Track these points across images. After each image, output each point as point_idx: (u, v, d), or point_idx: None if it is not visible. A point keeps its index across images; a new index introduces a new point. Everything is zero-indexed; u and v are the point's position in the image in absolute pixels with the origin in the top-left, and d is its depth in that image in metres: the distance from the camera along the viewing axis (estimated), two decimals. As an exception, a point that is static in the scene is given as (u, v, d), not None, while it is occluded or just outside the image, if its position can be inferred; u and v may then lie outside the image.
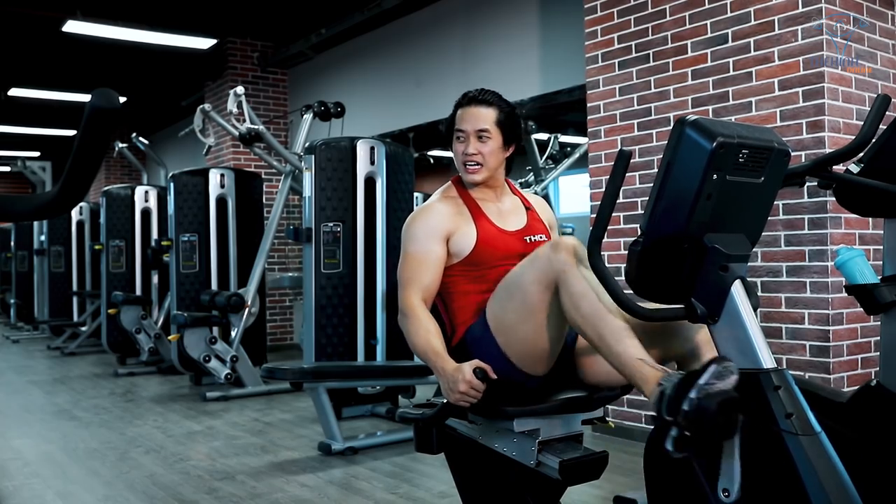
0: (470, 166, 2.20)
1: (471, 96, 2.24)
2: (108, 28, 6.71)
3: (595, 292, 1.82)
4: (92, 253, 8.56)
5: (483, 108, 2.20)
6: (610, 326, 1.79)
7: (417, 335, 2.02)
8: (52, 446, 4.18)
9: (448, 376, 1.92)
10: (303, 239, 4.54)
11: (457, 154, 2.23)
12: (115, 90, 1.34)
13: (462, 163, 2.21)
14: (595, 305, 1.80)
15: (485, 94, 2.23)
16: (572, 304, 1.83)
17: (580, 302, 1.82)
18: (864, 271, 1.99)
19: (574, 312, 1.83)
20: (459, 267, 2.15)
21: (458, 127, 2.22)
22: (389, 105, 6.86)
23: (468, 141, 2.20)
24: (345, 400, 4.59)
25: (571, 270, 1.83)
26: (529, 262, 1.95)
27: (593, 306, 1.80)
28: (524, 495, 2.13)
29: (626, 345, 1.76)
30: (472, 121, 2.20)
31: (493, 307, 2.03)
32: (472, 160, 2.19)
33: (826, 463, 1.53)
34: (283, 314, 8.20)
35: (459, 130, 2.21)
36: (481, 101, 2.22)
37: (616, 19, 3.98)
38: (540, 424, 2.02)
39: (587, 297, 1.81)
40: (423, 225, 2.16)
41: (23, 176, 12.63)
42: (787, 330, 3.32)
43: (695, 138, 1.56)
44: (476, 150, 2.18)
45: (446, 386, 1.92)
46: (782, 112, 3.34)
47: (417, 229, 2.16)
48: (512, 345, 2.00)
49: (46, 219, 3.87)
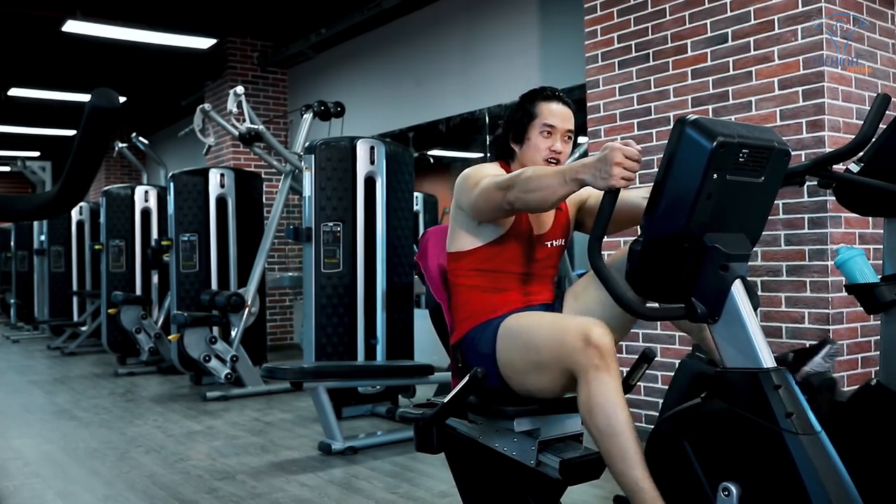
0: (552, 163, 2.16)
1: (557, 94, 2.21)
2: (108, 28, 6.71)
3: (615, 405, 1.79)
4: (92, 253, 8.56)
5: (568, 110, 2.20)
6: (620, 447, 1.78)
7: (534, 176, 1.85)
8: (52, 446, 4.17)
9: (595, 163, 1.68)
10: (303, 239, 4.53)
11: (538, 148, 2.16)
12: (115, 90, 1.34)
13: (544, 158, 2.16)
14: (610, 421, 1.79)
15: (566, 95, 2.23)
16: (588, 409, 1.82)
17: (596, 412, 1.81)
18: (864, 271, 1.99)
19: (588, 417, 1.83)
20: (474, 256, 2.14)
21: (550, 122, 2.16)
22: (389, 105, 6.86)
23: (555, 138, 2.17)
24: (345, 400, 4.59)
25: (596, 375, 1.81)
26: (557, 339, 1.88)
27: (609, 422, 1.79)
28: (524, 495, 2.13)
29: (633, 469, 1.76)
30: (563, 119, 2.18)
31: (505, 344, 2.03)
32: (555, 157, 2.16)
33: (826, 463, 1.53)
34: (283, 314, 8.20)
35: (550, 125, 2.16)
36: (566, 102, 2.21)
37: (616, 19, 3.98)
38: (540, 424, 2.02)
39: (604, 409, 1.79)
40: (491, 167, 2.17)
41: (23, 176, 12.63)
42: (787, 329, 3.32)
43: (695, 138, 1.56)
44: (562, 149, 2.17)
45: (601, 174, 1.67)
46: (782, 111, 3.34)
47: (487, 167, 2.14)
48: (512, 381, 2.04)
49: (46, 219, 3.87)
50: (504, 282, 2.15)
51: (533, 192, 1.85)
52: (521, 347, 1.98)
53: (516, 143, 2.22)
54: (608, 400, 1.79)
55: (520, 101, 2.24)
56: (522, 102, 2.23)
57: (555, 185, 1.80)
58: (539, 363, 1.93)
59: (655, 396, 3.79)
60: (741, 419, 1.59)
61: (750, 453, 1.58)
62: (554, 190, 1.81)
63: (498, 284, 2.14)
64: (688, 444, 1.69)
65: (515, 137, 2.22)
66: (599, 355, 1.80)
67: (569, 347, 1.84)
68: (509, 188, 1.91)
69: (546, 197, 1.84)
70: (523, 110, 2.21)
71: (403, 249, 4.77)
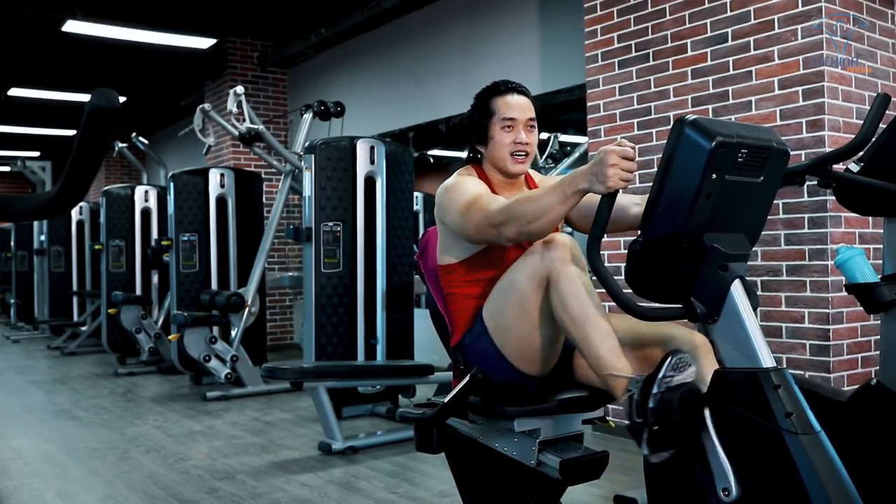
0: (519, 156, 2.13)
1: (512, 86, 2.17)
2: (108, 28, 6.70)
3: (586, 293, 1.81)
4: (92, 253, 8.56)
5: (525, 98, 2.16)
6: (594, 329, 1.79)
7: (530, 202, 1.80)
8: (52, 446, 4.18)
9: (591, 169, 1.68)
10: (303, 238, 4.54)
11: (502, 144, 2.12)
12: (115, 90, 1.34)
13: (511, 153, 2.12)
14: (583, 307, 1.80)
15: (520, 84, 2.19)
16: (560, 302, 1.83)
17: (569, 301, 1.81)
18: (864, 270, 1.99)
19: (562, 311, 1.83)
20: (464, 267, 2.13)
21: (508, 115, 2.12)
22: (389, 105, 6.86)
23: (518, 130, 2.12)
24: (345, 399, 4.59)
25: (563, 268, 1.82)
26: (523, 259, 1.93)
27: (581, 307, 1.80)
28: (524, 495, 2.13)
29: (605, 350, 1.78)
30: (521, 110, 2.13)
31: (490, 307, 2.03)
32: (522, 150, 2.12)
33: (826, 462, 1.53)
34: (283, 314, 8.20)
35: (509, 119, 2.12)
36: (522, 91, 2.17)
37: (616, 18, 3.98)
38: (540, 424, 2.02)
39: (577, 297, 1.81)
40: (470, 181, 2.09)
41: (23, 176, 12.63)
42: (787, 329, 3.32)
43: (694, 138, 1.56)
44: (527, 140, 2.13)
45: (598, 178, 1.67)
46: (782, 111, 3.34)
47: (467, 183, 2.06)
48: (508, 343, 1.99)
49: (46, 219, 3.87)
50: None
51: (535, 222, 1.78)
52: (501, 296, 1.98)
53: (481, 145, 2.18)
54: (577, 286, 1.81)
55: (475, 102, 2.20)
56: (478, 102, 2.19)
57: (555, 204, 1.76)
58: (519, 298, 1.92)
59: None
60: (741, 419, 1.59)
61: (750, 453, 1.58)
62: (556, 210, 1.76)
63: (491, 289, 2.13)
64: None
65: (478, 139, 2.18)
66: (563, 250, 1.83)
67: (535, 257, 1.87)
68: (503, 225, 1.84)
69: (550, 220, 1.79)
70: (480, 110, 2.17)
71: (403, 249, 4.77)
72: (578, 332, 1.81)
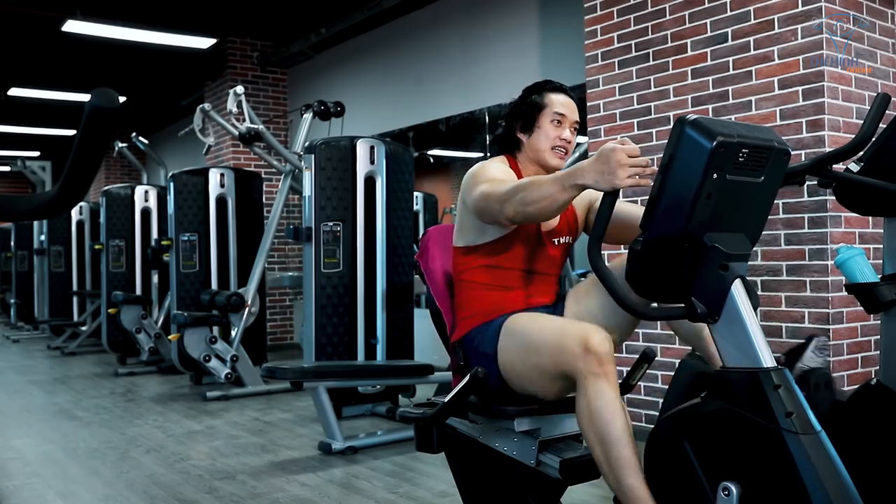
0: (559, 151, 2.19)
1: (562, 86, 2.24)
2: (107, 28, 6.71)
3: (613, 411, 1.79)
4: (92, 253, 8.55)
5: (573, 102, 2.24)
6: (617, 454, 1.79)
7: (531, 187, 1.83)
8: (52, 446, 4.18)
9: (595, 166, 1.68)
10: (303, 238, 4.53)
11: (549, 136, 2.18)
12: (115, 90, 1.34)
13: (553, 146, 2.18)
14: (608, 428, 1.79)
15: (568, 88, 2.26)
16: (587, 415, 1.83)
17: (594, 418, 1.81)
18: (864, 270, 1.99)
19: (586, 424, 1.83)
20: (481, 251, 2.14)
21: (560, 111, 2.19)
22: (389, 104, 6.86)
23: (565, 127, 2.19)
24: (345, 399, 4.59)
25: (595, 382, 1.81)
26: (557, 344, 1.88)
27: (606, 428, 1.79)
28: (525, 495, 2.13)
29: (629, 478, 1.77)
30: (572, 110, 2.21)
31: (507, 344, 2.03)
32: (564, 146, 2.19)
33: (826, 462, 1.53)
34: (283, 314, 8.20)
35: (560, 114, 2.19)
36: (572, 95, 2.25)
37: (616, 18, 3.98)
38: (540, 424, 2.02)
39: (603, 416, 1.80)
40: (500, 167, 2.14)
41: (23, 176, 12.61)
42: (787, 329, 3.32)
43: (695, 137, 1.56)
44: (570, 139, 2.19)
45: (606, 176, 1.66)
46: (782, 111, 3.34)
47: (495, 167, 2.12)
48: (512, 381, 2.04)
49: (46, 218, 3.86)
50: (509, 280, 2.14)
51: (533, 204, 1.83)
52: (521, 350, 1.99)
53: (524, 133, 2.22)
54: (605, 407, 1.80)
55: (525, 93, 2.25)
56: (529, 93, 2.24)
57: (554, 193, 1.79)
58: (539, 366, 1.94)
59: (655, 396, 3.79)
60: (741, 419, 1.59)
61: (750, 453, 1.58)
62: (554, 198, 1.80)
63: (503, 283, 2.14)
64: (688, 444, 1.69)
65: (524, 127, 2.22)
66: (598, 362, 1.81)
67: (568, 353, 1.84)
68: (505, 202, 1.89)
69: (547, 206, 1.82)
70: (531, 101, 2.22)
71: (403, 249, 4.77)
72: (601, 452, 1.82)
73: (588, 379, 1.81)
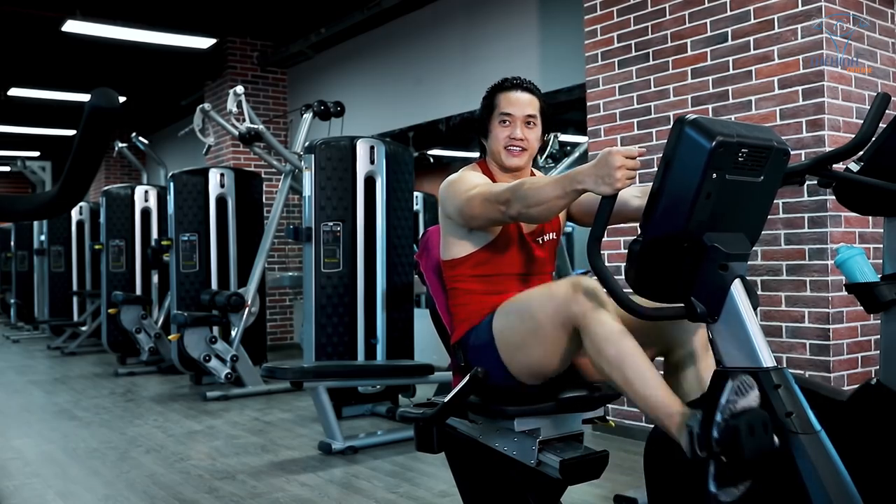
0: (514, 150, 2.18)
1: (516, 82, 2.22)
2: (107, 28, 6.70)
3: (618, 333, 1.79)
4: (92, 253, 8.55)
5: (528, 95, 2.21)
6: (634, 370, 1.76)
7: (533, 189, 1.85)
8: (52, 446, 4.18)
9: (594, 171, 1.69)
10: (303, 238, 4.53)
11: (498, 138, 2.19)
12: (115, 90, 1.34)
13: (505, 147, 2.18)
14: (619, 349, 1.78)
15: (527, 81, 2.24)
16: (596, 348, 1.81)
17: (604, 346, 1.79)
18: (864, 270, 1.99)
19: (598, 357, 1.81)
20: (469, 262, 2.14)
21: (505, 111, 2.18)
22: (389, 104, 6.86)
23: (514, 125, 2.18)
24: (345, 399, 4.59)
25: (593, 315, 1.80)
26: (548, 297, 1.90)
27: (618, 350, 1.78)
28: (525, 495, 2.13)
29: (652, 388, 1.74)
30: (520, 106, 2.19)
31: (502, 323, 2.02)
32: (517, 144, 2.18)
33: (826, 462, 1.53)
34: (283, 314, 8.20)
35: (506, 114, 2.18)
36: (526, 87, 2.22)
37: (615, 18, 3.98)
38: (540, 424, 2.02)
39: (610, 341, 1.78)
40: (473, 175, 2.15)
41: (23, 176, 12.63)
42: (787, 329, 3.32)
43: (694, 137, 1.56)
44: (523, 136, 2.18)
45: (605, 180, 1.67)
46: (782, 111, 3.34)
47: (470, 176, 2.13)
48: (514, 361, 2.01)
49: (46, 218, 3.86)
50: (503, 284, 2.14)
51: (536, 207, 1.85)
52: (516, 320, 1.98)
53: (483, 138, 2.26)
54: (612, 332, 1.79)
55: (483, 98, 2.27)
56: (484, 97, 2.26)
57: (555, 197, 1.80)
58: (536, 331, 1.92)
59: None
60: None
61: (750, 453, 1.58)
62: (555, 202, 1.82)
63: (497, 287, 2.14)
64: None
65: (481, 133, 2.26)
66: (593, 296, 1.82)
67: (561, 301, 1.85)
68: (508, 202, 1.90)
69: (549, 209, 1.84)
70: (483, 105, 2.25)
71: (403, 249, 4.77)
72: (619, 374, 1.79)
73: (587, 317, 1.81)
